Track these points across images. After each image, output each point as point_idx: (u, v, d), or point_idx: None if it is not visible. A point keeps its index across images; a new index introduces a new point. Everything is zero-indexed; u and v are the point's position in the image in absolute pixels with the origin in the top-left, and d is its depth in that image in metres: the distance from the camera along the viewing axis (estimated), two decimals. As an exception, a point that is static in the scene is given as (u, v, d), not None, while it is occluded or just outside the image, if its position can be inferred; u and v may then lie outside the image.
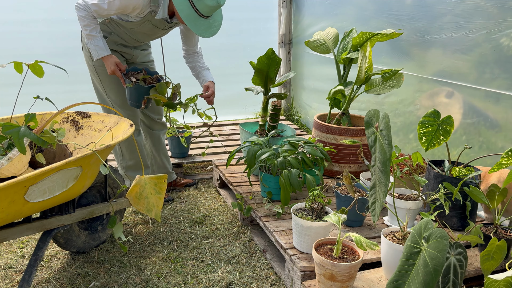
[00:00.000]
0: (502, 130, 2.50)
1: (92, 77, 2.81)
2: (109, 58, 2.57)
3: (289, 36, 4.75)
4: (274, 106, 3.01)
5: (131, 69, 2.65)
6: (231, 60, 4.57)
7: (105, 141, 2.17)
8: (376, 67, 3.30)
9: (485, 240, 2.00)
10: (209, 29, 2.53)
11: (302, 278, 1.98)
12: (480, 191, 2.11)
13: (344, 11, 3.82)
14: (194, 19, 2.46)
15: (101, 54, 2.57)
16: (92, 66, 2.73)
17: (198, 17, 2.46)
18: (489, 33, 2.49)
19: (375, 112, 1.85)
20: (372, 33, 2.89)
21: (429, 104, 2.96)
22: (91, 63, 2.72)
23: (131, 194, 2.00)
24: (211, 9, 2.46)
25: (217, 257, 2.39)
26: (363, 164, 2.95)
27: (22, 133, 1.74)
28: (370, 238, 2.27)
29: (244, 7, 4.61)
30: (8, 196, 1.65)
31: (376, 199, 1.76)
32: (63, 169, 1.78)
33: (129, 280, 2.18)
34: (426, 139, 2.26)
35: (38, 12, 3.93)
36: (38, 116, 2.25)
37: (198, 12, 2.44)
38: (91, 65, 2.74)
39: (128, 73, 2.62)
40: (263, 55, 2.89)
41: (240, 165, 3.16)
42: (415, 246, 1.51)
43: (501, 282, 1.39)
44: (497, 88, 2.48)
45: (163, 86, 2.54)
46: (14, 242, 2.49)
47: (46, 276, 2.19)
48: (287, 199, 2.47)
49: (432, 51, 2.90)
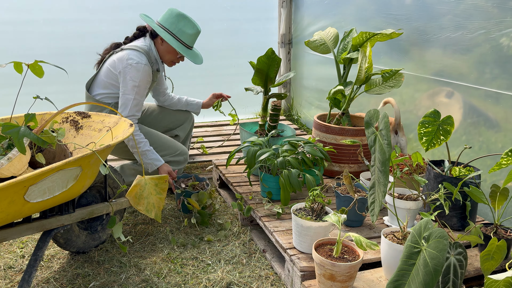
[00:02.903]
0: (502, 130, 2.50)
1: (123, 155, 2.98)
2: (163, 167, 2.75)
3: (289, 36, 4.75)
4: (274, 106, 3.01)
5: (182, 176, 2.85)
6: (231, 60, 4.57)
7: (105, 141, 2.17)
8: (375, 67, 3.30)
9: (485, 240, 2.01)
10: (197, 57, 2.86)
11: (302, 278, 1.98)
12: (480, 191, 2.11)
13: (344, 11, 3.82)
14: (185, 51, 2.77)
15: (158, 165, 2.74)
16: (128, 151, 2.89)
17: (187, 49, 2.78)
18: (488, 33, 2.49)
19: (375, 112, 1.85)
20: (372, 33, 2.89)
21: (429, 104, 2.95)
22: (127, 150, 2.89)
23: (131, 194, 2.00)
24: (193, 37, 2.79)
25: (217, 257, 2.39)
26: (363, 164, 2.95)
27: (22, 133, 1.74)
28: (370, 238, 2.27)
29: (244, 7, 4.61)
30: (8, 196, 1.65)
31: (375, 199, 1.76)
32: (63, 169, 1.78)
33: (129, 280, 2.18)
34: (426, 139, 2.26)
35: (38, 12, 3.93)
36: (38, 116, 2.25)
37: (185, 44, 2.77)
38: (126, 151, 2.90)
39: (179, 180, 2.82)
40: (263, 55, 2.89)
41: (240, 165, 3.16)
42: (415, 246, 1.51)
43: (501, 282, 1.39)
44: (497, 88, 2.48)
45: (204, 195, 2.69)
46: (14, 242, 2.49)
47: (46, 276, 2.19)
48: (287, 199, 2.47)
49: (431, 51, 2.90)
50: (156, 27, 2.73)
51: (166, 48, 2.79)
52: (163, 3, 4.31)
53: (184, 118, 3.25)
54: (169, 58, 2.84)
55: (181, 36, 2.73)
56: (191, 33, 2.75)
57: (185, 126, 3.25)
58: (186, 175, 2.85)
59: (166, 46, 2.78)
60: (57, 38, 3.99)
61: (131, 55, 2.68)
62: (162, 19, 2.76)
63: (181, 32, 2.72)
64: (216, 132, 4.17)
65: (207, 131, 4.23)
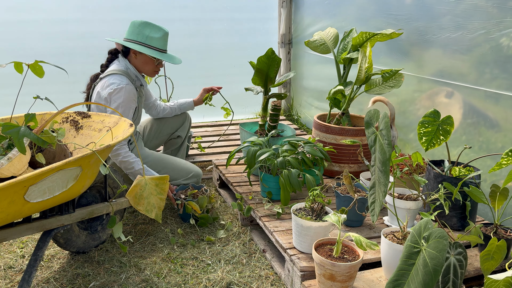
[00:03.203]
0: (502, 130, 2.50)
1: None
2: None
3: (289, 36, 4.75)
4: (274, 106, 3.01)
5: (180, 188, 2.84)
6: (231, 60, 4.57)
7: (105, 141, 2.17)
8: (375, 67, 3.30)
9: (485, 240, 2.01)
10: (174, 58, 2.83)
11: (302, 278, 1.99)
12: (480, 191, 2.11)
13: (344, 11, 3.82)
14: (160, 55, 2.74)
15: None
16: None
17: (161, 53, 2.75)
18: (488, 33, 2.49)
19: (375, 112, 1.85)
20: (372, 33, 2.89)
21: (429, 104, 2.96)
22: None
23: (131, 194, 2.00)
24: (163, 40, 2.75)
25: (217, 257, 2.39)
26: (363, 164, 2.95)
27: (22, 133, 1.74)
28: (370, 238, 2.27)
29: (244, 7, 4.61)
30: (8, 196, 1.65)
31: (375, 199, 1.76)
32: (63, 169, 1.78)
33: (129, 280, 2.18)
34: (426, 139, 2.26)
35: (38, 12, 3.93)
36: (38, 116, 2.25)
37: (157, 49, 2.73)
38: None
39: (178, 192, 2.81)
40: (263, 55, 2.89)
41: (240, 165, 3.16)
42: (415, 246, 1.51)
43: (501, 282, 1.39)
44: (497, 88, 2.48)
45: (204, 199, 2.69)
46: (14, 242, 2.49)
47: (46, 276, 2.19)
48: (287, 199, 2.47)
49: (431, 51, 2.90)
50: (125, 42, 2.71)
51: (141, 60, 2.76)
52: (162, 3, 4.33)
53: (182, 119, 3.26)
54: (149, 68, 2.80)
55: (151, 42, 2.70)
56: (159, 36, 2.72)
57: (185, 126, 3.27)
58: (183, 186, 2.84)
59: (140, 58, 2.75)
60: (57, 38, 3.99)
61: (111, 80, 2.65)
62: (128, 34, 2.73)
63: (149, 38, 2.70)
64: (216, 132, 4.18)
65: (207, 131, 4.23)
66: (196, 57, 4.33)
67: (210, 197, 2.77)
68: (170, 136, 3.25)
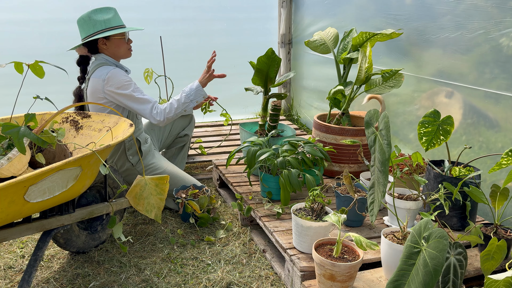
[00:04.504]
0: (502, 130, 2.50)
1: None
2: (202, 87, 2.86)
3: (289, 36, 4.75)
4: (274, 106, 3.01)
5: (181, 188, 2.84)
6: (231, 60, 4.57)
7: (105, 141, 2.17)
8: (375, 67, 3.31)
9: (485, 240, 2.01)
10: (136, 27, 2.80)
11: (302, 278, 1.99)
12: (480, 191, 2.11)
13: (344, 11, 3.82)
14: (124, 29, 2.69)
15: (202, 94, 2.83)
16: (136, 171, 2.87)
17: (123, 28, 2.70)
18: (488, 33, 2.49)
19: (375, 112, 1.85)
20: (372, 33, 2.89)
21: (429, 104, 2.96)
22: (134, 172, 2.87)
23: (131, 194, 2.01)
24: (116, 16, 2.70)
25: (217, 257, 2.39)
26: (363, 164, 2.95)
27: (22, 133, 1.74)
28: (370, 238, 2.27)
29: (244, 7, 4.61)
30: (8, 196, 1.65)
31: (374, 199, 1.76)
32: (63, 169, 1.78)
33: (129, 280, 2.18)
34: (426, 139, 2.26)
35: (38, 12, 3.93)
36: (38, 116, 2.25)
37: (117, 27, 2.67)
38: (134, 173, 2.86)
39: (178, 192, 2.81)
40: (263, 55, 2.89)
41: (240, 165, 3.16)
42: (415, 246, 1.51)
43: (501, 282, 1.39)
44: (497, 88, 2.48)
45: (205, 199, 2.69)
46: (14, 242, 2.49)
47: (46, 276, 2.19)
48: (287, 199, 2.47)
49: (431, 51, 2.90)
50: (86, 40, 2.66)
51: (113, 45, 2.70)
52: (162, 3, 4.33)
53: (188, 118, 3.31)
54: (123, 49, 2.74)
55: (107, 23, 2.63)
56: (113, 15, 2.67)
57: (191, 125, 3.33)
58: (184, 186, 2.84)
59: (111, 44, 2.69)
60: (57, 38, 3.99)
61: (99, 74, 2.63)
62: (84, 32, 2.67)
63: (107, 21, 2.64)
64: (215, 132, 4.18)
65: (207, 131, 4.23)
66: (196, 57, 4.32)
67: (211, 197, 2.77)
68: (178, 135, 3.30)
